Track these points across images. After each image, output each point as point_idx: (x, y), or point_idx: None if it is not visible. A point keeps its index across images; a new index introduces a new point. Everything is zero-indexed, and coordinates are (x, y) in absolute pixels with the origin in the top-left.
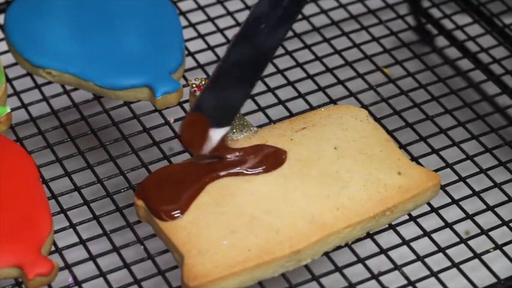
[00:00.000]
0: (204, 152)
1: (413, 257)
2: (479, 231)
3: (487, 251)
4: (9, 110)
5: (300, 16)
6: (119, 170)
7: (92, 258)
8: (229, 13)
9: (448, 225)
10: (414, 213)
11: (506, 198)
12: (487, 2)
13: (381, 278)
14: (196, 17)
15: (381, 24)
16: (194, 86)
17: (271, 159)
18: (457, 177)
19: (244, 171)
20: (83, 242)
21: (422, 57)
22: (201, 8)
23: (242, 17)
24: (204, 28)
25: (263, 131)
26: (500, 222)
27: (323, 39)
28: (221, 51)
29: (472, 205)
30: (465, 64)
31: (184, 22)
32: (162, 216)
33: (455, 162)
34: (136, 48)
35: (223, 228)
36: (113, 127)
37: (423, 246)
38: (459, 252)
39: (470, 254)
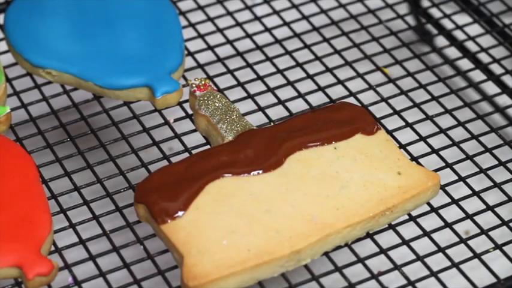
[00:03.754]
0: None
1: (413, 257)
2: (479, 231)
3: (487, 251)
4: (9, 110)
5: (299, 16)
6: (119, 170)
7: (92, 258)
8: (229, 13)
9: (448, 225)
10: (414, 213)
11: (506, 198)
12: (487, 2)
13: (381, 278)
14: (196, 16)
15: (381, 24)
16: (194, 85)
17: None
18: (457, 177)
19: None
20: (82, 242)
21: (422, 57)
22: (201, 8)
23: (242, 17)
24: (204, 28)
25: None
26: (500, 222)
27: (323, 39)
28: (221, 51)
29: (472, 205)
30: (465, 64)
31: (184, 22)
32: (162, 216)
33: (455, 162)
34: (136, 48)
35: (223, 228)
36: (112, 127)
37: (423, 246)
38: (459, 252)
39: (470, 254)
